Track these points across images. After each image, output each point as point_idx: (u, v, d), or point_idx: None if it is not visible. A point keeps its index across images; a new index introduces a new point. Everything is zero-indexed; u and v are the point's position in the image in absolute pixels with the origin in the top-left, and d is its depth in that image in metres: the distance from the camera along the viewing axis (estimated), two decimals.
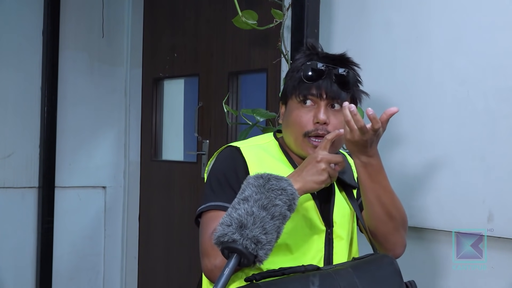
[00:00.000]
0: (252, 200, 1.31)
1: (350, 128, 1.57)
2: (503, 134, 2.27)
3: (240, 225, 1.28)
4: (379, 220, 1.72)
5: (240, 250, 1.26)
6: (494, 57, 2.30)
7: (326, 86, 1.69)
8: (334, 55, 1.77)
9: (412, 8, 2.56)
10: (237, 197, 1.35)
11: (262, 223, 1.28)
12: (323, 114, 1.69)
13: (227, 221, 1.29)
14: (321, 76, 1.69)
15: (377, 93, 2.64)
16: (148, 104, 4.36)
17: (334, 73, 1.70)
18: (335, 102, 1.70)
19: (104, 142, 4.38)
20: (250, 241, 1.26)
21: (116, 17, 4.38)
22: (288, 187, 1.36)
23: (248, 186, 1.35)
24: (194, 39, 3.98)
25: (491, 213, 2.28)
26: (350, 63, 1.77)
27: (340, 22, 2.81)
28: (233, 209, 1.31)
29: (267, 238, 1.28)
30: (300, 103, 1.72)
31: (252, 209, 1.29)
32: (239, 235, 1.27)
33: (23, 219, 4.05)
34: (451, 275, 2.40)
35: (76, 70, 4.23)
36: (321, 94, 1.69)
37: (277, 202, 1.32)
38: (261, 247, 1.27)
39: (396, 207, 1.74)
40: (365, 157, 1.63)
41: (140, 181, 4.42)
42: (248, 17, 2.74)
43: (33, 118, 4.08)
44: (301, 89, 1.71)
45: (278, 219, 1.31)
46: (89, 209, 4.33)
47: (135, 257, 4.40)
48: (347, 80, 1.71)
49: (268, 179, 1.35)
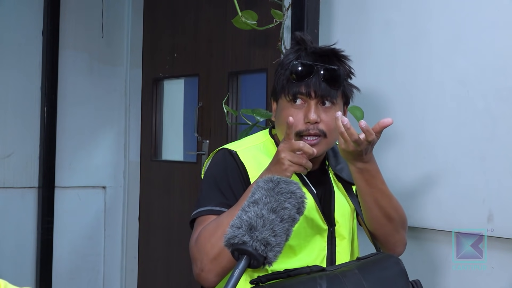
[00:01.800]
0: (261, 203, 1.32)
1: (344, 139, 1.57)
2: (503, 134, 2.27)
3: (250, 227, 1.29)
4: (378, 222, 1.73)
5: (250, 251, 1.27)
6: (494, 57, 2.30)
7: (315, 84, 1.67)
8: (323, 50, 1.74)
9: (412, 8, 2.56)
10: (247, 200, 1.36)
11: (272, 226, 1.30)
12: (313, 113, 1.67)
13: (237, 223, 1.31)
14: (310, 74, 1.67)
15: (377, 93, 2.64)
16: (148, 104, 4.36)
17: (322, 70, 1.68)
18: (326, 99, 1.69)
19: (104, 142, 4.39)
20: (260, 243, 1.28)
21: (116, 17, 4.38)
22: (297, 190, 1.37)
23: (258, 189, 1.36)
24: (194, 39, 3.98)
25: (491, 213, 2.28)
26: (340, 57, 1.74)
27: (340, 22, 2.81)
28: (243, 212, 1.32)
29: (277, 240, 1.30)
30: (290, 102, 1.70)
31: (262, 211, 1.31)
32: (249, 237, 1.28)
33: (23, 219, 4.06)
34: (451, 275, 2.40)
35: (76, 70, 4.24)
36: (310, 93, 1.67)
37: (286, 205, 1.33)
38: (271, 249, 1.28)
39: (395, 208, 1.74)
40: (361, 164, 1.64)
41: (140, 181, 4.42)
42: (248, 17, 2.74)
43: (33, 118, 4.08)
44: (290, 88, 1.69)
45: (287, 221, 1.33)
46: (89, 209, 4.33)
47: (135, 257, 4.40)
48: (336, 76, 1.69)
49: (278, 183, 1.36)
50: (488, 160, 2.30)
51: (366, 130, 1.54)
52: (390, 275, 1.59)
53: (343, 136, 1.57)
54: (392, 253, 1.76)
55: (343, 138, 1.57)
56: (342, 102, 1.75)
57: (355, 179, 1.68)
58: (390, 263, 1.62)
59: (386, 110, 2.56)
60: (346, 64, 1.75)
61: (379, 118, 1.92)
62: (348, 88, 1.76)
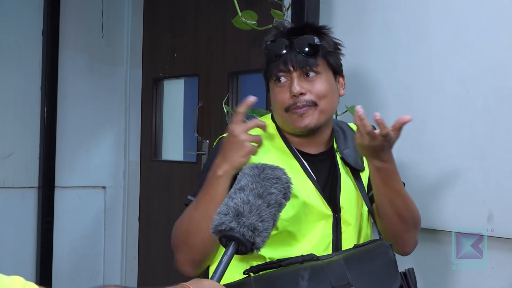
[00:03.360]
0: (248, 189, 1.33)
1: (360, 133, 1.57)
2: (503, 134, 2.27)
3: (237, 214, 1.30)
4: (390, 221, 1.72)
5: (237, 237, 1.28)
6: (494, 57, 2.29)
7: (291, 58, 1.68)
8: (298, 26, 1.77)
9: (412, 8, 2.56)
10: (233, 187, 1.37)
11: (258, 211, 1.30)
12: (296, 85, 1.67)
13: (224, 210, 1.31)
14: (284, 50, 1.69)
15: (377, 93, 2.65)
16: (148, 104, 4.36)
17: (296, 43, 1.69)
18: (308, 71, 1.68)
19: (104, 142, 4.39)
20: (247, 228, 1.28)
21: (116, 17, 4.38)
22: (283, 176, 1.38)
23: (244, 176, 1.38)
24: (194, 39, 3.98)
25: (491, 213, 2.28)
26: (316, 29, 1.74)
27: (340, 22, 2.80)
28: (230, 199, 1.33)
29: (264, 226, 1.30)
30: (275, 82, 1.71)
31: (248, 197, 1.32)
32: (236, 223, 1.29)
33: (23, 219, 4.06)
34: (451, 275, 2.40)
35: (76, 70, 4.24)
36: (289, 67, 1.68)
37: (272, 191, 1.34)
38: (258, 234, 1.29)
39: (408, 209, 1.73)
40: (378, 162, 1.63)
41: (140, 181, 4.42)
42: (247, 18, 2.74)
43: (33, 118, 4.08)
44: (271, 69, 1.71)
45: (274, 207, 1.33)
46: (89, 209, 4.33)
47: (135, 257, 4.40)
48: (310, 45, 1.69)
49: (263, 169, 1.38)
50: (488, 160, 2.30)
51: (380, 123, 1.53)
52: (376, 265, 1.57)
53: (358, 130, 1.57)
54: (400, 251, 1.77)
55: (359, 132, 1.57)
56: (329, 72, 1.72)
57: (372, 176, 1.68)
58: (378, 253, 1.59)
59: (386, 110, 2.56)
60: (325, 35, 1.74)
61: None
62: (333, 57, 1.73)
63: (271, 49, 1.71)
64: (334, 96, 1.73)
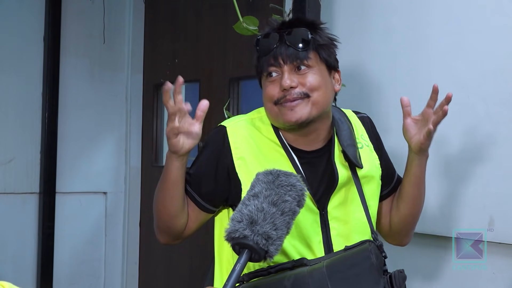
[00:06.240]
0: (262, 196, 1.32)
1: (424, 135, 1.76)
2: (503, 139, 2.26)
3: (251, 221, 1.28)
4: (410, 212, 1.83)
5: (251, 245, 1.27)
6: (494, 62, 2.30)
7: (281, 51, 1.66)
8: (289, 20, 1.76)
9: (412, 12, 2.56)
10: (247, 193, 1.35)
11: (273, 219, 1.29)
12: (286, 79, 1.65)
13: (237, 217, 1.30)
14: (275, 44, 1.67)
15: (377, 97, 2.65)
16: (149, 109, 4.36)
17: (286, 37, 1.67)
18: (299, 64, 1.66)
19: (105, 148, 4.39)
20: (261, 237, 1.27)
21: (117, 23, 4.39)
22: (297, 183, 1.36)
23: (258, 182, 1.36)
24: (195, 44, 3.98)
25: (491, 218, 2.28)
26: (308, 24, 1.72)
27: (341, 27, 2.81)
28: (243, 205, 1.32)
29: (277, 234, 1.29)
30: (267, 77, 1.71)
31: (263, 205, 1.30)
32: (250, 231, 1.27)
33: (24, 224, 4.05)
34: (451, 280, 2.40)
35: (77, 75, 4.24)
36: (279, 61, 1.67)
37: (287, 198, 1.33)
38: (272, 243, 1.28)
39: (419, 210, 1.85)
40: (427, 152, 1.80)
41: (141, 186, 4.42)
42: (249, 23, 2.74)
43: (34, 124, 4.08)
44: (262, 66, 1.70)
45: (288, 214, 1.32)
46: (90, 215, 4.33)
47: (136, 263, 4.40)
48: (299, 39, 1.67)
49: (278, 175, 1.36)
50: (488, 166, 2.30)
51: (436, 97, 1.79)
52: (357, 272, 1.56)
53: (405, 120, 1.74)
54: (400, 243, 1.87)
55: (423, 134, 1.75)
56: (322, 66, 1.70)
57: (419, 168, 1.81)
58: (359, 259, 1.58)
59: (386, 114, 2.56)
60: (317, 29, 1.72)
61: (378, 122, 1.93)
62: (326, 51, 1.71)
63: (262, 44, 1.70)
64: (327, 90, 1.70)
